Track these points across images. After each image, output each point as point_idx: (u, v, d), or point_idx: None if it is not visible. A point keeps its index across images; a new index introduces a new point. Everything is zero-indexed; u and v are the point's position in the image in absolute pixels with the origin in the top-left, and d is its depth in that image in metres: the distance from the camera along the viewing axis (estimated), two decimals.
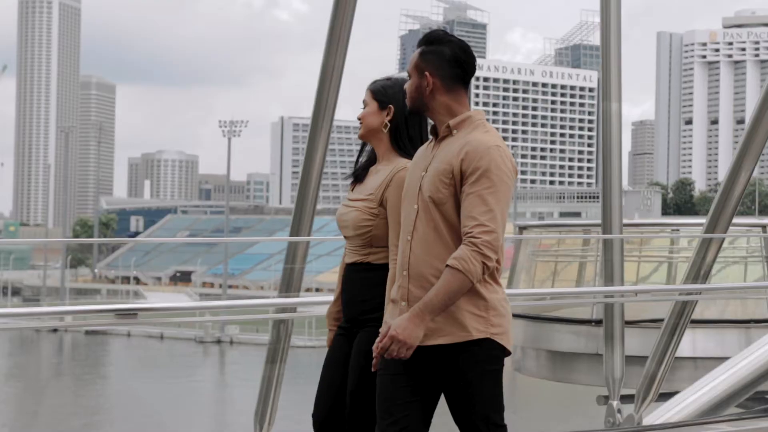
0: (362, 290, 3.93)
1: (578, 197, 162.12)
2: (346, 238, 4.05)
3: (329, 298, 4.30)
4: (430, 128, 3.64)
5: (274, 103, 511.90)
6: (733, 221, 6.61)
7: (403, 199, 3.65)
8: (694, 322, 8.80)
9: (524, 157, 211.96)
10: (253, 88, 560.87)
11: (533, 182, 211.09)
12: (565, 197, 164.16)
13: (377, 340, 3.40)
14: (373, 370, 3.49)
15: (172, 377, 52.78)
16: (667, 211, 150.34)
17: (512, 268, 10.68)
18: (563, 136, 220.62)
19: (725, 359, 7.27)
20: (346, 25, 6.39)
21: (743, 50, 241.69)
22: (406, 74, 3.70)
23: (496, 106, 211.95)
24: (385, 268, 3.82)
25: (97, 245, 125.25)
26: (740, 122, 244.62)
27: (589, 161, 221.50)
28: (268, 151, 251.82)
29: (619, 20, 6.95)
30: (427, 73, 3.55)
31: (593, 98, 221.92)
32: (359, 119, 4.04)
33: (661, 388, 5.89)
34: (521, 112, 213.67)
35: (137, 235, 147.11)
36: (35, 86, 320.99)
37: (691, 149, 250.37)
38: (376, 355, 3.40)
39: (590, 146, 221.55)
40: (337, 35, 6.41)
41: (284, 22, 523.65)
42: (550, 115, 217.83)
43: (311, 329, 67.60)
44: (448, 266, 3.36)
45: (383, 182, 3.91)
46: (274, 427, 6.46)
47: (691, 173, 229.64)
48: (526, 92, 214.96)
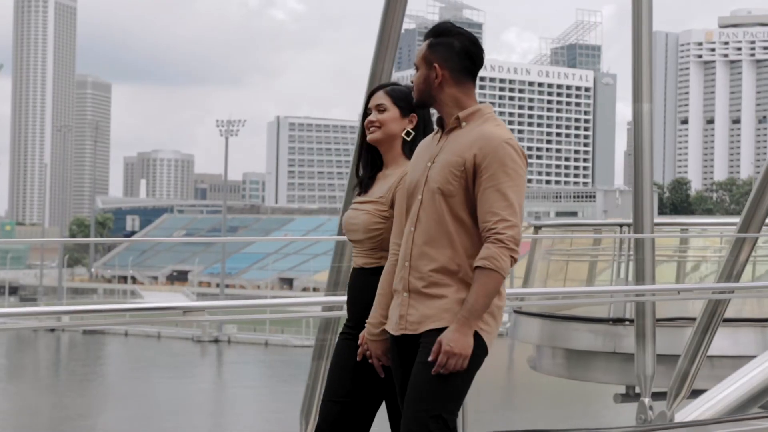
0: (372, 294, 3.82)
1: (574, 197, 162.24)
2: (354, 242, 3.97)
3: (328, 298, 4.22)
4: (436, 120, 3.61)
5: (269, 102, 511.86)
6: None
7: (406, 190, 3.62)
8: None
9: None
10: (249, 87, 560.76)
11: (529, 182, 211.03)
12: (561, 197, 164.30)
13: (430, 357, 3.36)
14: (434, 372, 3.40)
15: (169, 377, 52.77)
16: (663, 210, 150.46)
17: (527, 266, 10.70)
18: (559, 135, 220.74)
19: (741, 358, 7.27)
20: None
21: (739, 50, 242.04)
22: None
23: (492, 105, 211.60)
24: None
25: (93, 245, 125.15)
26: (736, 122, 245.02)
27: (585, 161, 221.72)
28: (263, 150, 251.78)
29: (650, 25, 6.95)
30: (436, 65, 3.53)
31: (589, 98, 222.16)
32: (377, 123, 3.94)
33: (692, 385, 5.89)
34: (517, 111, 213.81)
35: (133, 234, 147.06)
36: (31, 85, 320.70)
37: (687, 149, 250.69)
38: (434, 372, 3.36)
39: (586, 146, 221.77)
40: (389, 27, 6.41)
41: (280, 21, 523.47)
42: (546, 114, 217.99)
43: (308, 328, 67.58)
44: (479, 267, 3.35)
45: (393, 184, 3.87)
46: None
47: (687, 173, 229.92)
48: (522, 92, 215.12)
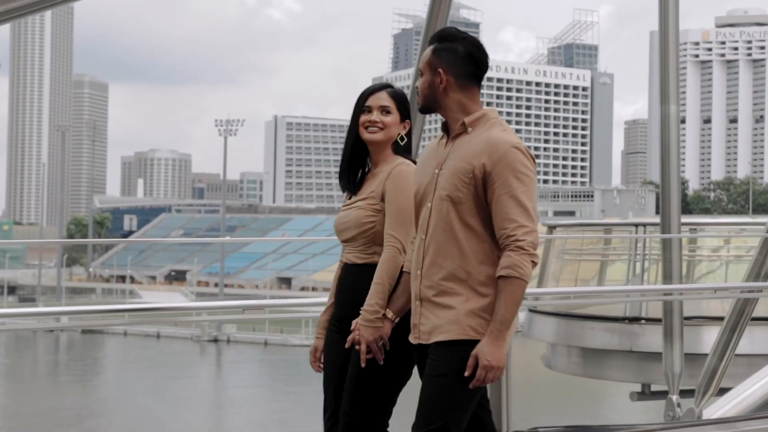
0: (364, 292, 3.82)
1: (572, 196, 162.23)
2: (346, 242, 3.97)
3: (324, 298, 4.25)
4: (441, 125, 3.61)
5: (267, 102, 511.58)
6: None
7: (415, 198, 3.61)
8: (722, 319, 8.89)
9: None
10: (246, 87, 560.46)
11: None
12: (558, 196, 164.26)
13: (466, 373, 3.36)
14: (472, 386, 3.40)
15: (168, 376, 52.73)
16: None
17: (542, 266, 10.74)
18: (557, 135, 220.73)
19: (758, 357, 7.33)
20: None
21: (736, 50, 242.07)
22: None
23: (489, 105, 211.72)
24: None
25: (91, 244, 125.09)
26: (733, 121, 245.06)
27: (582, 160, 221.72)
28: (261, 150, 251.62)
29: (677, 28, 7.00)
30: (440, 70, 3.52)
31: (586, 97, 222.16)
32: (380, 124, 3.95)
33: (721, 383, 5.96)
34: (515, 111, 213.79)
35: (131, 234, 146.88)
36: (28, 85, 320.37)
37: (684, 148, 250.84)
38: (472, 386, 3.37)
39: (584, 145, 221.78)
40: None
41: (277, 21, 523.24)
42: (543, 114, 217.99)
43: (307, 328, 67.62)
44: (503, 277, 3.34)
45: (382, 179, 3.89)
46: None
47: (684, 172, 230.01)
48: (519, 91, 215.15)
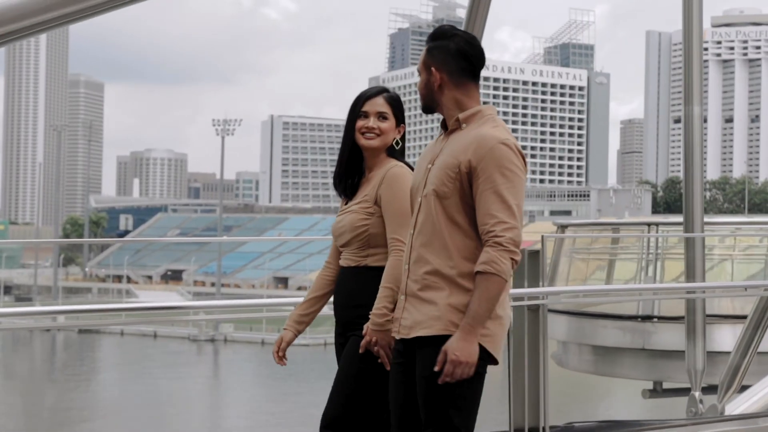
0: (359, 294, 3.87)
1: (568, 196, 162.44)
2: (342, 247, 3.98)
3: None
4: (440, 122, 3.62)
5: (263, 101, 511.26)
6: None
7: (410, 194, 3.64)
8: (735, 317, 8.94)
9: None
10: (241, 86, 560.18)
11: None
12: (555, 195, 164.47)
13: (436, 368, 3.33)
14: (440, 381, 3.36)
15: (165, 376, 52.69)
16: (657, 209, 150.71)
17: (552, 266, 10.73)
18: (553, 134, 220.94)
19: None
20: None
21: (732, 49, 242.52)
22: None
23: (486, 104, 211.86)
24: (383, 270, 3.80)
25: (87, 244, 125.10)
26: (729, 121, 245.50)
27: (579, 160, 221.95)
28: (257, 149, 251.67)
29: (700, 30, 7.00)
30: (433, 68, 3.53)
31: (583, 97, 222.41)
32: (377, 130, 3.96)
33: (743, 380, 5.97)
34: (511, 110, 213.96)
35: (127, 233, 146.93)
36: (23, 84, 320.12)
37: (680, 148, 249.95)
38: (441, 381, 3.33)
39: (580, 145, 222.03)
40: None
41: (273, 20, 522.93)
42: (540, 113, 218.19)
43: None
44: (480, 272, 3.31)
45: (376, 182, 3.90)
46: None
47: (680, 172, 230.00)
48: (516, 91, 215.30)
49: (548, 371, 4.55)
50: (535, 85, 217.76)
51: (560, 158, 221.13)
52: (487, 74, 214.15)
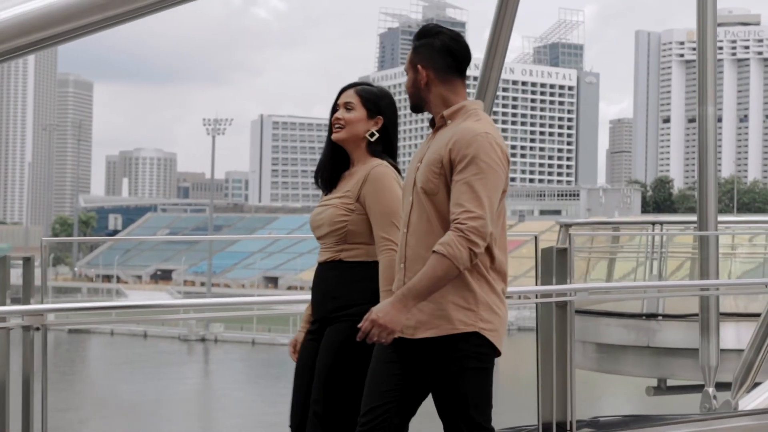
0: (334, 288, 3.87)
1: (558, 195, 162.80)
2: (319, 239, 3.98)
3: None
4: (429, 121, 3.63)
5: (252, 101, 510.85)
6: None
7: (402, 193, 3.65)
8: (738, 315, 8.96)
9: None
10: (231, 86, 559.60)
11: (513, 180, 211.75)
12: (545, 195, 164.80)
13: (359, 325, 3.36)
14: (358, 338, 3.39)
15: (156, 376, 52.63)
16: (646, 209, 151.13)
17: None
18: (543, 134, 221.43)
19: None
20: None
21: (720, 49, 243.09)
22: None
23: (471, 100, 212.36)
24: (358, 265, 3.81)
25: (77, 243, 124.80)
26: (718, 120, 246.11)
27: (568, 159, 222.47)
28: (246, 149, 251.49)
29: (714, 30, 7.03)
30: (420, 66, 3.55)
31: (572, 96, 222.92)
32: (342, 121, 3.96)
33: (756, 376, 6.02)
34: (501, 110, 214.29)
35: (116, 233, 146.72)
36: (12, 83, 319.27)
37: (669, 147, 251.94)
38: (358, 337, 3.36)
39: (569, 144, 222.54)
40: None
41: (263, 20, 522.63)
42: (529, 113, 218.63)
43: (295, 327, 67.55)
44: (433, 252, 3.33)
45: (359, 179, 3.89)
46: None
47: (669, 171, 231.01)
48: (505, 90, 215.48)
49: (575, 367, 4.60)
50: (524, 84, 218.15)
51: (550, 158, 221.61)
52: (476, 74, 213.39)
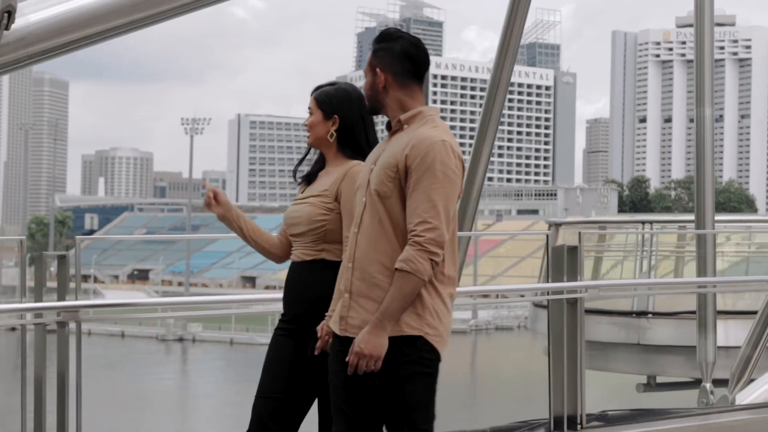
0: (314, 289, 3.87)
1: (536, 195, 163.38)
2: (294, 236, 3.99)
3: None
4: (386, 124, 3.65)
5: (230, 100, 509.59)
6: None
7: (355, 192, 3.69)
8: (728, 313, 9.03)
9: None
10: (208, 85, 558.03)
11: (491, 180, 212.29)
12: (522, 194, 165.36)
13: (347, 358, 3.41)
14: (349, 373, 3.44)
15: (133, 376, 52.42)
16: (623, 208, 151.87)
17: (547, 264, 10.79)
18: (520, 134, 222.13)
19: None
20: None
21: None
22: (359, 75, 3.66)
23: (453, 104, 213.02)
24: (338, 264, 3.80)
25: (53, 243, 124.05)
26: (692, 120, 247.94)
27: (545, 159, 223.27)
28: (224, 148, 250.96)
29: (711, 32, 7.11)
30: (378, 70, 3.58)
31: (549, 96, 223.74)
32: (308, 126, 4.05)
33: (753, 373, 6.09)
34: (478, 110, 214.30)
35: (92, 233, 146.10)
36: None
37: (645, 147, 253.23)
38: (349, 372, 3.41)
39: (547, 144, 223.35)
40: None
41: (241, 19, 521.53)
42: (507, 113, 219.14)
43: (274, 326, 67.35)
44: (397, 270, 3.37)
45: (337, 178, 3.92)
46: None
47: (645, 171, 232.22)
48: (483, 90, 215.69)
49: (584, 362, 4.68)
50: None
51: (527, 157, 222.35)
52: (454, 73, 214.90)
